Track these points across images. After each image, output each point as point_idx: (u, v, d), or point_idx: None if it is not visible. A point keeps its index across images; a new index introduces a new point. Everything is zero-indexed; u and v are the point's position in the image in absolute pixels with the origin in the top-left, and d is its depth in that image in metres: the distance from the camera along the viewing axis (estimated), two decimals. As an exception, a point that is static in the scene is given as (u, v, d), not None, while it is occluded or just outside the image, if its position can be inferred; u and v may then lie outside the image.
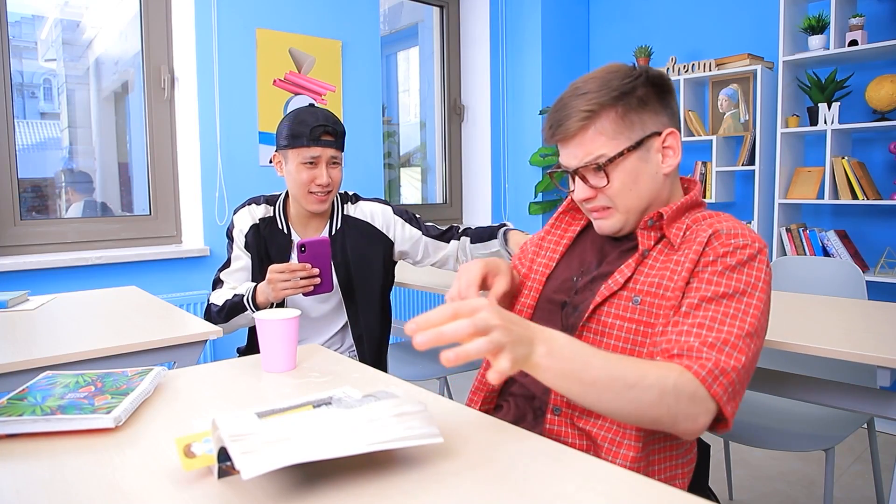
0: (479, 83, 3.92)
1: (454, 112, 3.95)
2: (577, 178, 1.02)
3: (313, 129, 1.55)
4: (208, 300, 1.65)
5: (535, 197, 3.83)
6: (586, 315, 1.00)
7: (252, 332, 1.73)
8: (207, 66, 2.67)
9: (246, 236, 1.65)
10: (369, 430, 0.64)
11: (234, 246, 1.67)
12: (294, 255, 1.61)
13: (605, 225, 1.04)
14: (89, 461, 0.71)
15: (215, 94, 2.70)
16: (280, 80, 2.90)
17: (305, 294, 1.50)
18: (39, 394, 0.86)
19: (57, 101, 2.76)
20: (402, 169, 4.05)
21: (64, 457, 0.72)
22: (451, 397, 2.26)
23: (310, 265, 1.46)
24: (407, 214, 1.76)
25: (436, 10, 3.90)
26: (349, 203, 1.72)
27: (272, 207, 1.68)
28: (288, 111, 1.59)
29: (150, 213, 2.75)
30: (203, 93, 2.67)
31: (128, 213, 2.80)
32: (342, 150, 1.63)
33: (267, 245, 1.66)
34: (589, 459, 0.68)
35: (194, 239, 2.75)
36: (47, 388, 0.89)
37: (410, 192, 4.06)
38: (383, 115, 3.60)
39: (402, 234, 1.73)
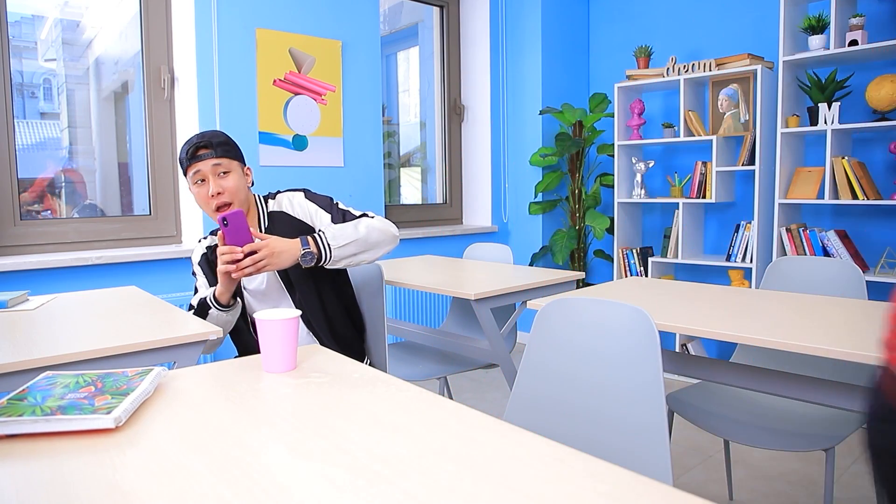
0: (479, 83, 3.92)
1: (454, 112, 3.95)
2: None
3: (188, 151, 1.64)
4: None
5: (535, 197, 3.83)
6: None
7: (241, 344, 1.80)
8: (207, 66, 2.67)
9: (200, 265, 1.80)
10: None
11: (198, 276, 1.81)
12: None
13: None
14: (89, 461, 0.71)
15: (215, 94, 2.70)
16: (280, 80, 2.89)
17: (239, 272, 1.53)
18: (39, 394, 0.86)
19: (57, 101, 2.76)
20: (402, 169, 4.05)
21: (64, 457, 0.72)
22: (451, 397, 2.26)
23: (238, 246, 1.52)
24: (322, 200, 1.79)
25: (436, 10, 3.90)
26: (270, 200, 1.81)
27: (216, 236, 1.81)
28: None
29: (150, 213, 2.75)
30: (203, 93, 2.67)
31: (128, 214, 2.80)
32: (228, 157, 1.67)
33: (215, 267, 1.76)
34: (590, 459, 0.68)
35: (194, 239, 2.75)
36: (47, 389, 0.89)
37: (410, 192, 4.06)
38: (383, 115, 3.60)
39: (317, 219, 1.77)
